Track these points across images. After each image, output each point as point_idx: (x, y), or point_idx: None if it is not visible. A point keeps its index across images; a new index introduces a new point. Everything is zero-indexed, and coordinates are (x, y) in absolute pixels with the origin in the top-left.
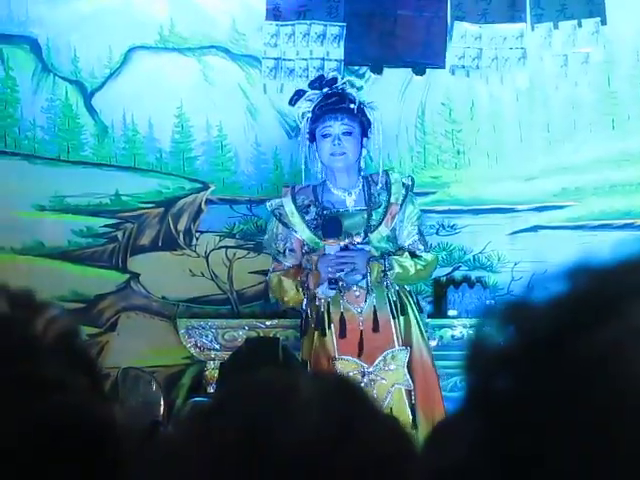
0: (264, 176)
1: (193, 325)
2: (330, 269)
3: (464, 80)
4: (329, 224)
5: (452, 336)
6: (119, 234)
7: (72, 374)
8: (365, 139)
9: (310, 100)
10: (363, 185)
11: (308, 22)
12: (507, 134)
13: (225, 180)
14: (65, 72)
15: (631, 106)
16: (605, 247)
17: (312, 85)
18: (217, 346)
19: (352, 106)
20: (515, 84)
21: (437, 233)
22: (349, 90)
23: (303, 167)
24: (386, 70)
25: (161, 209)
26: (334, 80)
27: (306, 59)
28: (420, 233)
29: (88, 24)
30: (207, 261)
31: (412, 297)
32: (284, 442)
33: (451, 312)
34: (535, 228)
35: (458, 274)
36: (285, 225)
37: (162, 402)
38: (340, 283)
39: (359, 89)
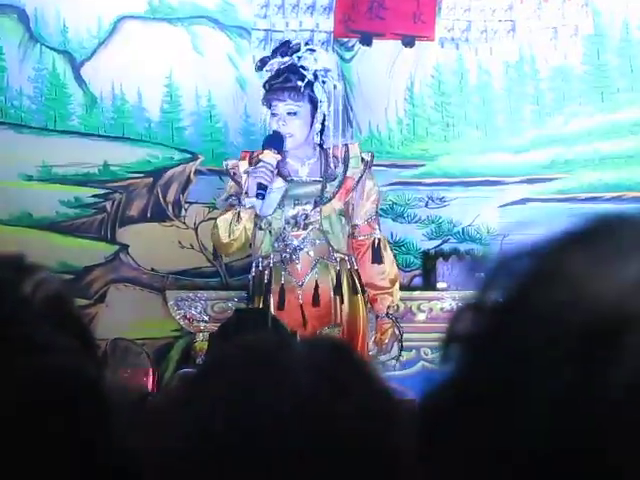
0: (253, 147)
1: (182, 297)
2: (257, 174)
3: (453, 52)
4: (271, 137)
5: (441, 309)
6: (107, 205)
7: (61, 335)
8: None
9: (269, 71)
10: (320, 156)
11: None
12: (496, 106)
13: (214, 151)
14: (53, 42)
15: (620, 78)
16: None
17: (274, 53)
18: (206, 318)
19: (299, 83)
20: (504, 56)
21: (426, 206)
22: (306, 62)
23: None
24: (375, 42)
25: (150, 179)
26: (298, 48)
27: (295, 31)
28: (376, 212)
29: None
30: (196, 233)
31: (355, 277)
32: (272, 403)
33: (440, 285)
34: (524, 201)
35: (447, 247)
36: (237, 184)
37: (151, 373)
38: (268, 191)
39: (316, 59)
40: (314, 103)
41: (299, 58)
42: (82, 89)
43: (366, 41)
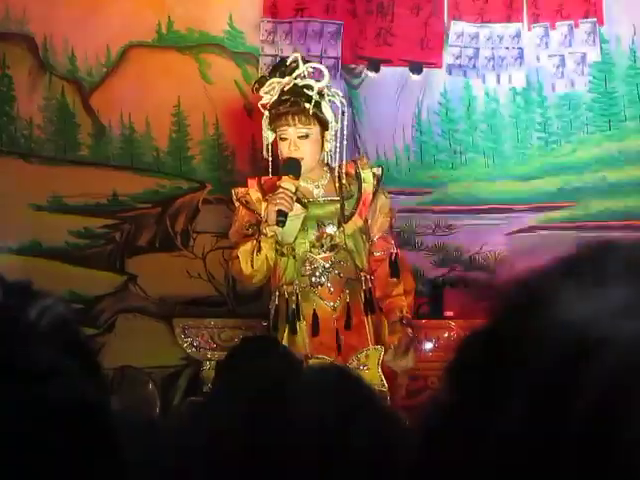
0: (261, 175)
1: (189, 324)
2: (277, 200)
3: (461, 79)
4: (287, 163)
5: (448, 337)
6: (117, 235)
7: (66, 361)
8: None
9: (270, 94)
10: (331, 176)
11: (305, 19)
12: (504, 134)
13: (222, 179)
14: (62, 71)
15: (628, 106)
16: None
17: (272, 73)
18: (214, 346)
19: (307, 106)
20: (512, 83)
21: (434, 233)
22: (307, 82)
23: (270, 159)
24: (383, 69)
25: (158, 209)
26: (296, 64)
27: (303, 57)
28: (391, 227)
29: (85, 22)
30: (204, 262)
31: (372, 295)
32: (280, 432)
33: (447, 313)
34: (532, 229)
35: (454, 274)
36: (251, 212)
37: (158, 402)
38: (288, 217)
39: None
40: (323, 123)
41: (300, 78)
42: (91, 118)
43: (373, 68)
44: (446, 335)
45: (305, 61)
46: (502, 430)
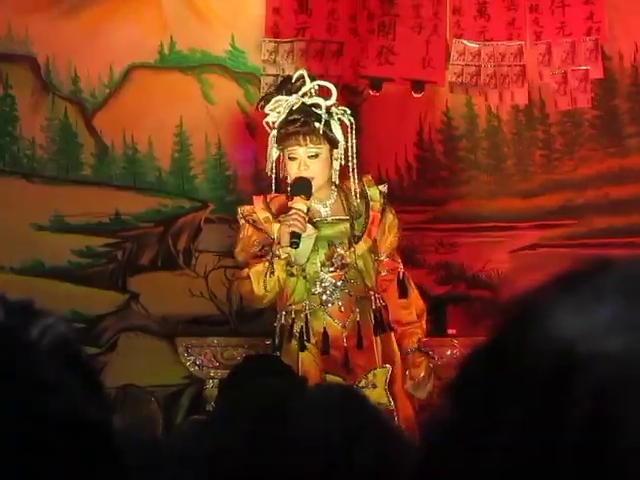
0: (264, 193)
1: (192, 343)
2: (290, 222)
3: (463, 97)
4: (298, 183)
5: (451, 355)
6: (119, 254)
7: (68, 379)
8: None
9: (277, 112)
10: (338, 194)
11: (307, 39)
12: (506, 151)
13: (224, 199)
14: (65, 91)
15: (630, 123)
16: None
17: (278, 91)
18: (216, 364)
19: (317, 125)
20: (514, 101)
21: (436, 251)
22: (315, 101)
23: (273, 177)
24: (385, 87)
25: (160, 228)
26: (302, 81)
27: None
28: (397, 246)
29: (88, 43)
30: (206, 281)
31: (383, 315)
32: (285, 448)
33: (450, 331)
34: (534, 246)
35: (457, 292)
36: (260, 231)
37: (161, 420)
38: (302, 239)
39: (328, 98)
40: (332, 142)
41: (307, 95)
42: (93, 138)
43: (375, 86)
44: (449, 353)
45: (311, 78)
46: (502, 443)
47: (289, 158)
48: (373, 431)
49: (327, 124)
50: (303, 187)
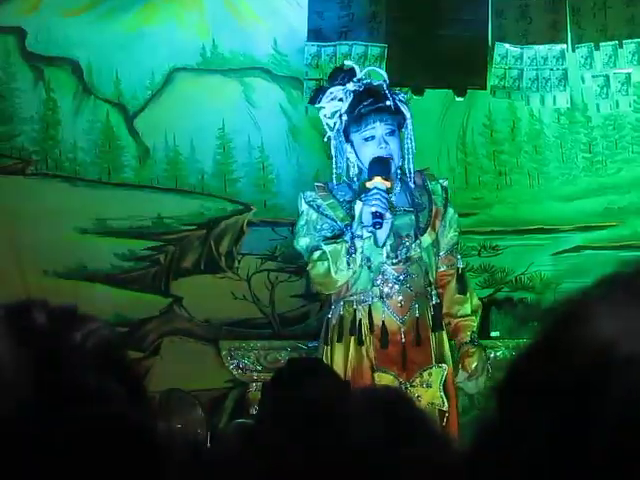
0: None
1: (235, 347)
2: (372, 202)
3: (505, 101)
4: (376, 162)
5: (495, 357)
6: (161, 257)
7: (112, 384)
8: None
9: (339, 99)
10: (401, 186)
11: (350, 43)
12: (549, 154)
13: (267, 202)
14: (106, 94)
15: None
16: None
17: (333, 81)
18: (259, 367)
19: (388, 103)
20: (556, 104)
21: (479, 254)
22: (377, 83)
23: (335, 167)
24: (427, 91)
25: (203, 231)
26: (353, 71)
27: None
28: (457, 242)
29: (130, 46)
30: (249, 284)
31: (438, 312)
32: (333, 458)
33: (493, 333)
34: (578, 248)
35: (500, 295)
36: (326, 217)
37: (205, 424)
38: (384, 219)
39: (383, 80)
40: (399, 124)
41: (361, 82)
42: (135, 141)
43: (418, 90)
44: (492, 355)
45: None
46: (541, 439)
47: (365, 140)
48: (417, 436)
49: (396, 104)
50: (383, 166)
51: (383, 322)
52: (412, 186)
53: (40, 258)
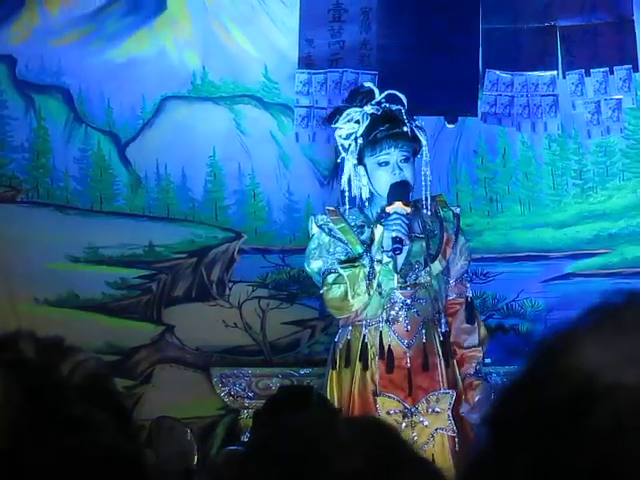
0: (297, 225)
1: (226, 374)
2: (393, 227)
3: (496, 127)
4: (397, 187)
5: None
6: (153, 285)
7: (100, 415)
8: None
9: (356, 121)
10: (414, 211)
11: (340, 70)
12: (540, 181)
13: (258, 229)
14: (98, 122)
15: None
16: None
17: (351, 103)
18: (251, 394)
19: (405, 129)
20: (547, 131)
21: (470, 281)
22: (394, 108)
23: (347, 189)
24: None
25: (194, 259)
26: (371, 93)
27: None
28: (467, 270)
29: (121, 74)
30: (240, 312)
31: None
32: None
33: (485, 360)
34: (568, 276)
35: (491, 322)
36: (338, 239)
37: (196, 452)
38: (404, 245)
39: (402, 106)
40: (414, 150)
41: (388, 108)
42: (127, 170)
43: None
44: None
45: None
46: (527, 468)
47: (379, 164)
48: (403, 467)
49: (412, 130)
50: (402, 192)
51: (389, 346)
52: (425, 212)
53: (31, 286)
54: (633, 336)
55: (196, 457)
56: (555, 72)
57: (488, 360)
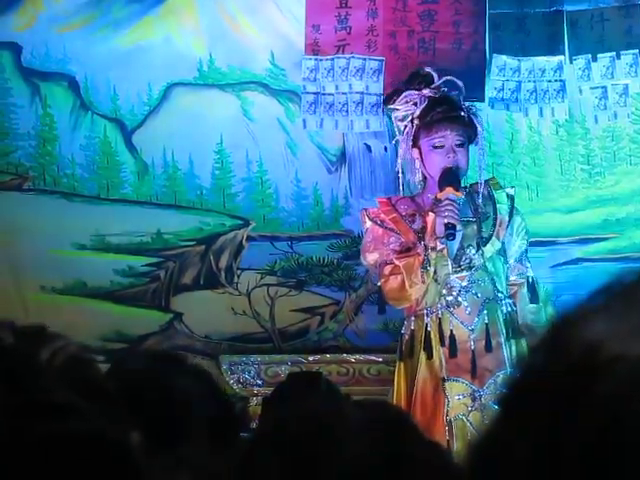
0: (305, 212)
1: (235, 361)
2: (445, 213)
3: (503, 113)
4: (448, 173)
5: None
6: (161, 273)
7: (80, 400)
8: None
9: (413, 103)
10: (466, 195)
11: (347, 56)
12: (547, 167)
13: (266, 216)
14: (104, 109)
15: None
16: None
17: (410, 85)
18: (260, 382)
19: (462, 114)
20: (554, 116)
21: None
22: (452, 94)
23: (401, 176)
24: None
25: (202, 246)
26: (430, 77)
27: (345, 93)
28: (526, 249)
29: (127, 61)
30: (249, 299)
31: (515, 320)
32: (329, 470)
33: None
34: (577, 261)
35: None
36: (391, 230)
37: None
38: (457, 230)
39: (459, 92)
40: (469, 137)
41: (447, 94)
42: (133, 157)
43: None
44: None
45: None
46: (531, 441)
47: (434, 147)
48: (412, 452)
49: (469, 116)
50: (453, 177)
51: (451, 331)
52: (477, 196)
53: (38, 274)
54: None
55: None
56: (562, 57)
57: None
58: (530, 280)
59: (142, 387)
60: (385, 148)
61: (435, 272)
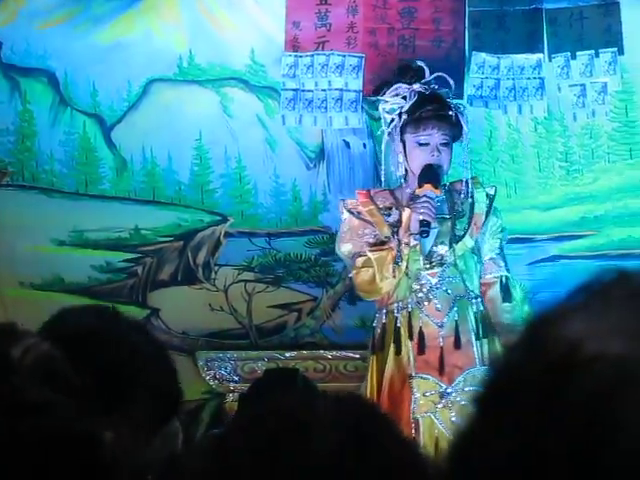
0: (283, 208)
1: (212, 357)
2: (421, 210)
3: (482, 110)
4: (428, 170)
5: None
6: (139, 269)
7: (51, 397)
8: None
9: (402, 97)
10: (445, 193)
11: (327, 53)
12: (526, 164)
13: (244, 212)
14: (83, 105)
15: None
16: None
17: (399, 78)
18: (236, 378)
19: (450, 113)
20: (533, 114)
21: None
22: (441, 90)
23: (383, 169)
24: None
25: (180, 242)
26: (422, 71)
27: (324, 90)
28: (501, 248)
29: (106, 57)
30: (226, 295)
31: (486, 319)
32: (303, 465)
33: None
34: (554, 258)
35: None
36: (366, 222)
37: (180, 435)
38: (431, 228)
39: (449, 90)
40: (454, 136)
41: (436, 91)
42: (112, 153)
43: None
44: None
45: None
46: (508, 440)
47: (419, 144)
48: (385, 441)
49: (457, 116)
50: (433, 174)
51: (420, 328)
52: (457, 194)
53: (16, 270)
54: (619, 309)
55: (180, 441)
56: (541, 55)
57: None
58: (503, 280)
59: (90, 342)
60: (364, 145)
61: (407, 267)
